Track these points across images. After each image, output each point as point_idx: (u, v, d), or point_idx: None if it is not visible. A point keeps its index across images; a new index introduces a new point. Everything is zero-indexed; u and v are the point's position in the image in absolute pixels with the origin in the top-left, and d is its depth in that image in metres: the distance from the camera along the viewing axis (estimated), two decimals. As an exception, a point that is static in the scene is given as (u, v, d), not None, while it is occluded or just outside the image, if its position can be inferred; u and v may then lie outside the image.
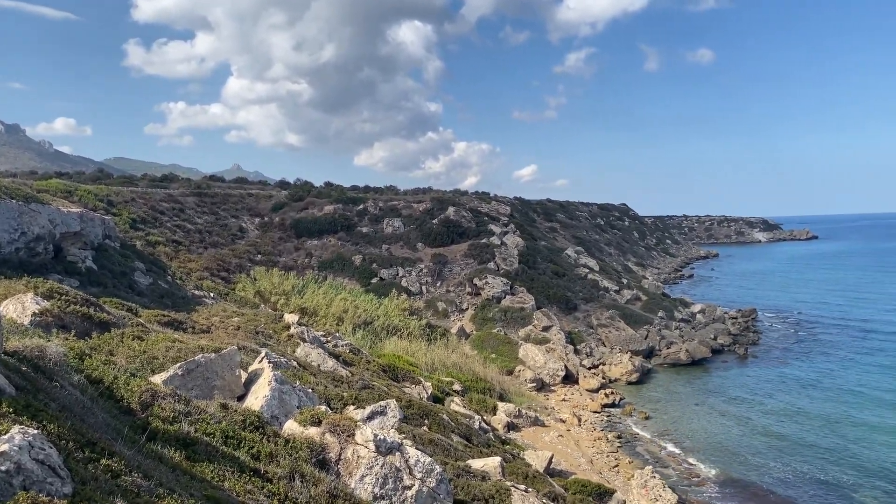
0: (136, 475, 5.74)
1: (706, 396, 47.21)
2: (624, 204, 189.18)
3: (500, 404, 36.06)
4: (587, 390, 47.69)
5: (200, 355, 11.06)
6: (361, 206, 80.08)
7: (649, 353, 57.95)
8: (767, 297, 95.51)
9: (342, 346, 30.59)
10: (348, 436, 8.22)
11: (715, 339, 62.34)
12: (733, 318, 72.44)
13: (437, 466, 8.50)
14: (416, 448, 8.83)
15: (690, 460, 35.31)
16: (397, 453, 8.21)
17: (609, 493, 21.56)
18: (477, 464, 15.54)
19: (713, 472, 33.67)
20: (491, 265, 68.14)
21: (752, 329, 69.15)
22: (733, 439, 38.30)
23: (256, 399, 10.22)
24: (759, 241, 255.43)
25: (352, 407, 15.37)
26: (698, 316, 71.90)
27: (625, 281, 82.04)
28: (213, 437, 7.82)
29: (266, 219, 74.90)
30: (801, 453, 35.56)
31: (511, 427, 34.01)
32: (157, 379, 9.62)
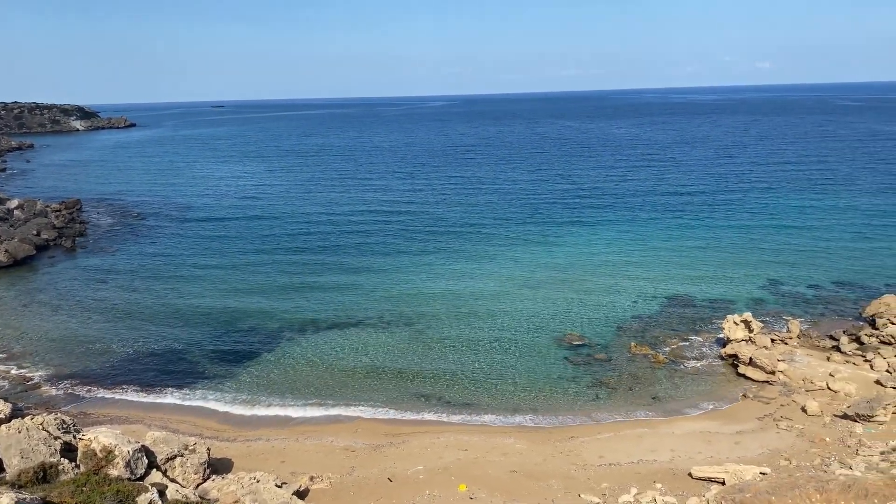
0: None
1: (35, 296, 44.60)
2: None
3: None
4: None
5: None
6: None
7: (-41, 261, 50.09)
8: (92, 187, 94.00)
9: None
10: None
11: (38, 234, 58.27)
12: (56, 210, 68.78)
13: None
14: None
15: (23, 366, 33.23)
16: None
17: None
18: None
19: (48, 371, 32.61)
20: None
21: (79, 220, 67.30)
22: (70, 333, 37.79)
23: None
24: (78, 130, 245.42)
25: None
26: (17, 212, 65.51)
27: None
28: None
29: None
30: (142, 329, 37.79)
31: None
32: None
